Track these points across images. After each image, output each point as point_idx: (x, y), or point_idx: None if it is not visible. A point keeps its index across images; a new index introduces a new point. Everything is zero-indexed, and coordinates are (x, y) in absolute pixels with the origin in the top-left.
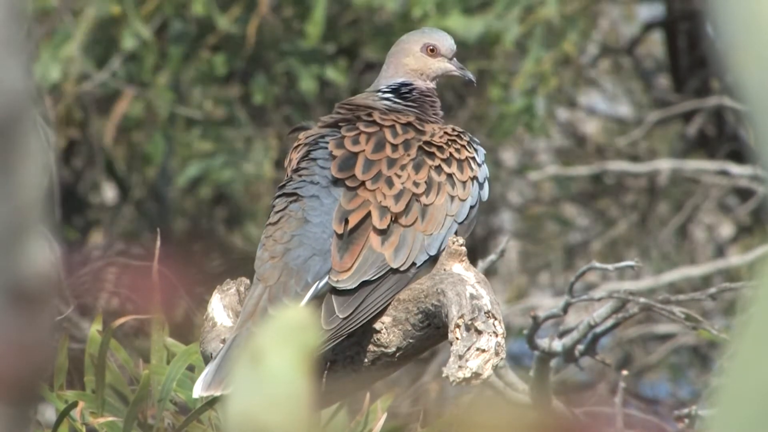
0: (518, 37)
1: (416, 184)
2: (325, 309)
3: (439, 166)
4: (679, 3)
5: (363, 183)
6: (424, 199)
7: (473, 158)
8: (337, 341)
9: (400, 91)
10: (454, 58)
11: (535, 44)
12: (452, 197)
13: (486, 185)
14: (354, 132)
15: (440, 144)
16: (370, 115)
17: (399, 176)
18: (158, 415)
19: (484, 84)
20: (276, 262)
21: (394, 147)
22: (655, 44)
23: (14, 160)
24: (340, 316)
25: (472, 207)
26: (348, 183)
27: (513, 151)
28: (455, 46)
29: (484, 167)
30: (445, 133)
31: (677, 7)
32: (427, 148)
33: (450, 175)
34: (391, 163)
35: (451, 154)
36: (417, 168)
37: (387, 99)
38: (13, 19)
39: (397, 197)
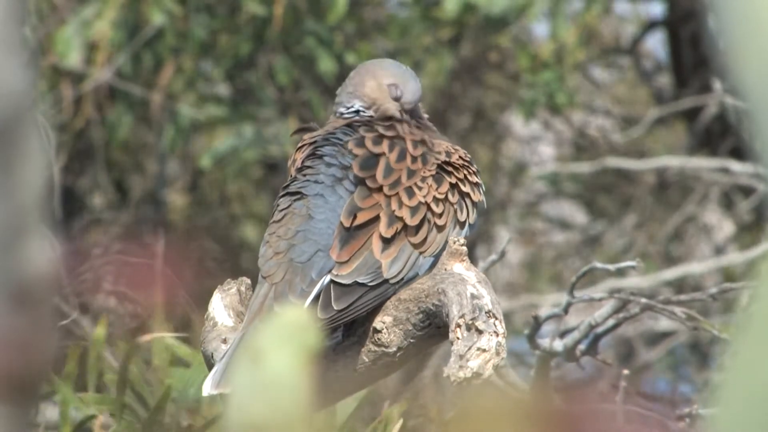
0: (544, 10)
1: (436, 201)
2: (323, 299)
3: (456, 184)
4: (681, 1)
5: (381, 187)
6: (437, 221)
7: (480, 185)
8: (328, 330)
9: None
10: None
11: (560, 17)
12: (456, 222)
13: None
14: (373, 133)
15: (458, 165)
16: (392, 126)
17: (420, 188)
18: (176, 419)
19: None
20: (280, 258)
21: (414, 159)
22: (657, 42)
23: (14, 160)
24: (336, 308)
25: (466, 235)
26: (368, 183)
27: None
28: (417, 97)
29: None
30: (460, 157)
31: (679, 5)
32: (446, 167)
33: (463, 195)
34: (411, 173)
35: (465, 175)
36: (438, 182)
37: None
38: (13, 19)
39: (414, 211)
